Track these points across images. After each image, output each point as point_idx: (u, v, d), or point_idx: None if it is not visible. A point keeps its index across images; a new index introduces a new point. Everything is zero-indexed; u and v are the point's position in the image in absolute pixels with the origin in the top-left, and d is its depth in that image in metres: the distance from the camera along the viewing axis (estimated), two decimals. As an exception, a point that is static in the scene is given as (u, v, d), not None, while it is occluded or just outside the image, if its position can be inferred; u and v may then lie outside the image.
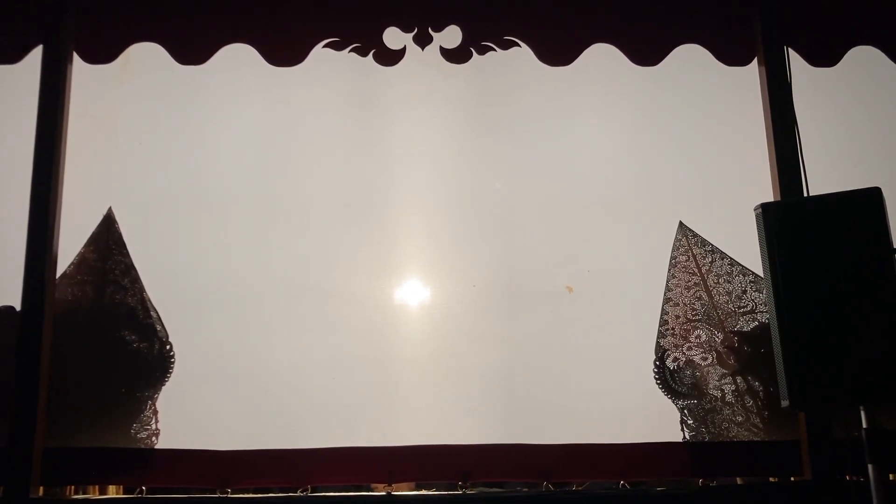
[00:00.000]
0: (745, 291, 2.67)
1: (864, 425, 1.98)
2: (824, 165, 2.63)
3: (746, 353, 2.63)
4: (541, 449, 2.55)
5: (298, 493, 2.55)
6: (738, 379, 2.61)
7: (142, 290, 2.65)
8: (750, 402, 2.60)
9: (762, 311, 2.64)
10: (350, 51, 2.82)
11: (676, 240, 2.71)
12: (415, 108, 2.80)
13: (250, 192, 2.73)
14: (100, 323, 2.62)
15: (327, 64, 2.81)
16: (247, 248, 2.70)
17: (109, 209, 2.70)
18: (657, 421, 2.59)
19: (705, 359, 2.63)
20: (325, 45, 2.82)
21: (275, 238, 2.70)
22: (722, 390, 2.61)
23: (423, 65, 2.82)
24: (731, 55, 2.83)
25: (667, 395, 2.61)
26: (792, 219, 2.09)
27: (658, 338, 2.64)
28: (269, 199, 2.74)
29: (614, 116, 2.81)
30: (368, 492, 2.60)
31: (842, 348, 1.97)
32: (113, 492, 2.68)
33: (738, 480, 2.64)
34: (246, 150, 2.76)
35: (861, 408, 1.99)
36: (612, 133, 2.80)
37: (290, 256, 2.69)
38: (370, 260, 2.69)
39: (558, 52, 2.82)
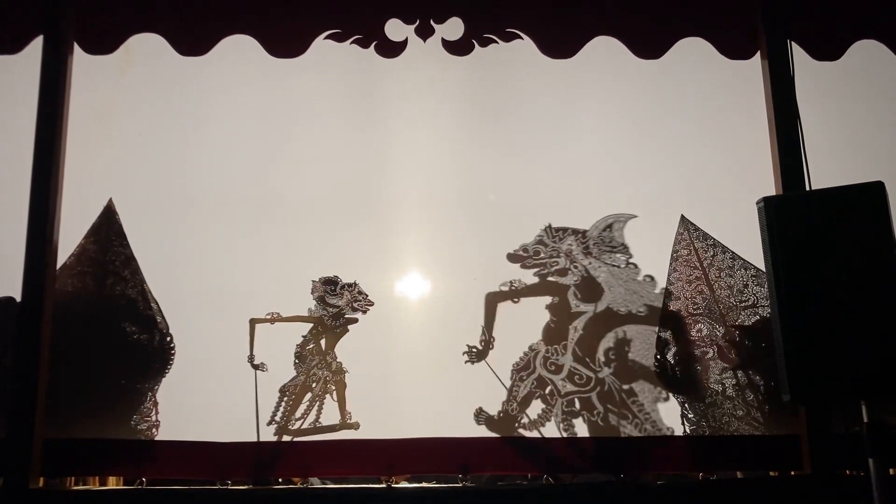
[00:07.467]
0: (746, 285, 2.67)
1: (865, 420, 1.98)
2: (826, 159, 2.63)
3: (747, 348, 2.62)
4: (541, 442, 2.54)
5: (298, 486, 2.55)
6: (739, 373, 2.61)
7: (142, 281, 2.65)
8: (751, 397, 2.59)
9: (763, 306, 2.63)
10: (351, 42, 2.81)
11: (678, 233, 2.71)
12: (416, 100, 2.79)
13: (251, 183, 2.73)
14: (100, 314, 2.62)
15: (328, 55, 2.80)
16: (247, 239, 2.69)
17: (110, 200, 2.69)
18: (657, 414, 2.59)
19: (706, 353, 2.63)
20: (327, 37, 2.80)
21: (275, 229, 2.69)
22: (723, 384, 2.61)
23: (424, 57, 2.81)
24: (733, 49, 2.82)
25: (667, 388, 2.60)
26: (794, 213, 2.09)
27: (659, 331, 2.64)
28: (270, 190, 2.73)
29: (616, 109, 2.80)
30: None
31: (843, 343, 1.97)
32: (113, 483, 2.68)
33: (738, 474, 2.64)
34: (247, 142, 2.75)
35: (862, 402, 1.99)
36: (613, 126, 2.79)
37: (290, 248, 2.68)
38: (370, 252, 2.68)
39: (560, 44, 2.80)
